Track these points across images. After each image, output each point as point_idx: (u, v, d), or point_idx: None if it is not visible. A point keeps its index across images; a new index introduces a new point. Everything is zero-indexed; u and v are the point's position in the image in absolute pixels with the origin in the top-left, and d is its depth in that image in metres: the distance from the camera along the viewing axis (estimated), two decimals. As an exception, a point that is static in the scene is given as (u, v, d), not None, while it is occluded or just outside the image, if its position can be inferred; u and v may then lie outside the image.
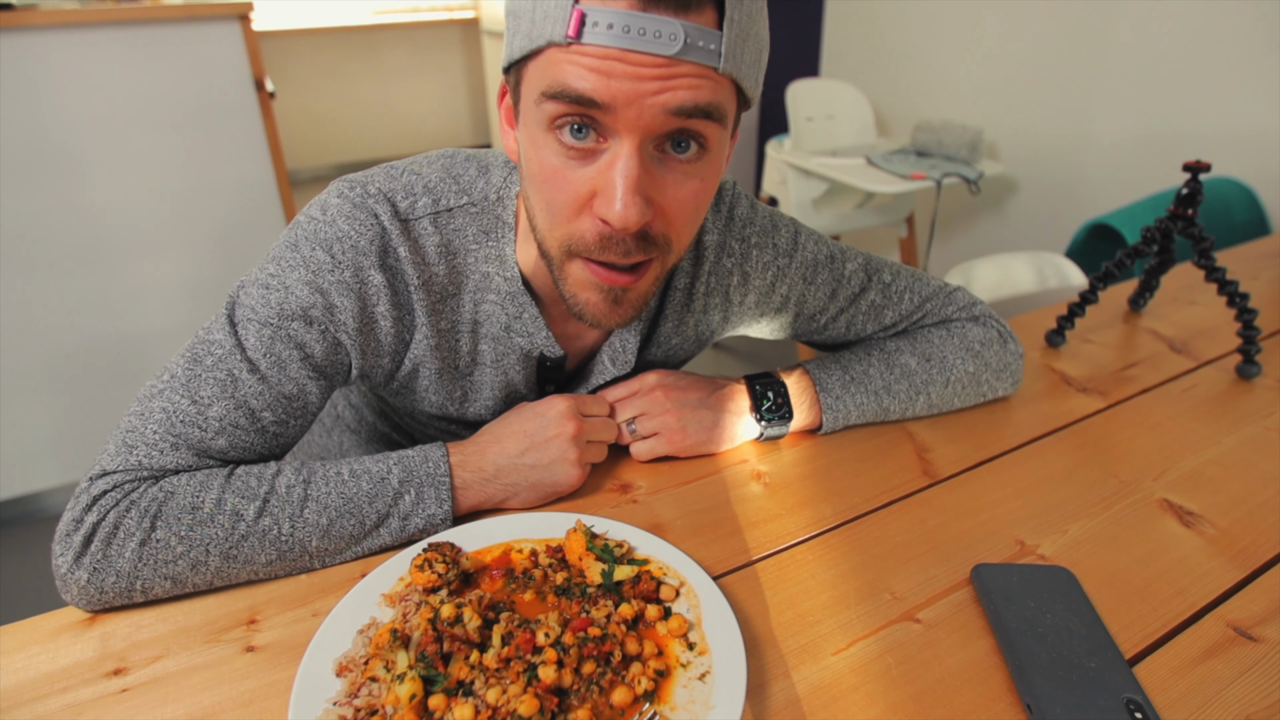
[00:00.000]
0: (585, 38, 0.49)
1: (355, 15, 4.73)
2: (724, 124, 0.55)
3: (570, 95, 0.50)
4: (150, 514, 0.58)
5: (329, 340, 0.65)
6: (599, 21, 0.48)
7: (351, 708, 0.50)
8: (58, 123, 1.73)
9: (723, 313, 0.80)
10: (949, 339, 0.83)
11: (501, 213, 0.68)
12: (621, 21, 0.48)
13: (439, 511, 0.66)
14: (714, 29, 0.50)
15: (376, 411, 0.89)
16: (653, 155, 0.54)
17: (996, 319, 0.87)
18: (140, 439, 0.61)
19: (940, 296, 0.85)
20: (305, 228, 0.64)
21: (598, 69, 0.49)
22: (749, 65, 0.54)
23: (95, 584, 0.57)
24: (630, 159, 0.52)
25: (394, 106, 5.04)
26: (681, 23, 0.49)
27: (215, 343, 0.63)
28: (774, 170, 2.73)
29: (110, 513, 0.58)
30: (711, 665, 0.54)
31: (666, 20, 0.48)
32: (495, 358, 0.73)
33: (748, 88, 0.55)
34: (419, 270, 0.66)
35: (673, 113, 0.51)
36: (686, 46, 0.49)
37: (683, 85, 0.50)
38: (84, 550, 0.57)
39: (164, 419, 0.61)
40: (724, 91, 0.53)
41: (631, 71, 0.49)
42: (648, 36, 0.48)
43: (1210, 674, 0.54)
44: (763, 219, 0.77)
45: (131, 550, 0.57)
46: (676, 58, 0.49)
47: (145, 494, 0.59)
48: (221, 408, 0.62)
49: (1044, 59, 2.38)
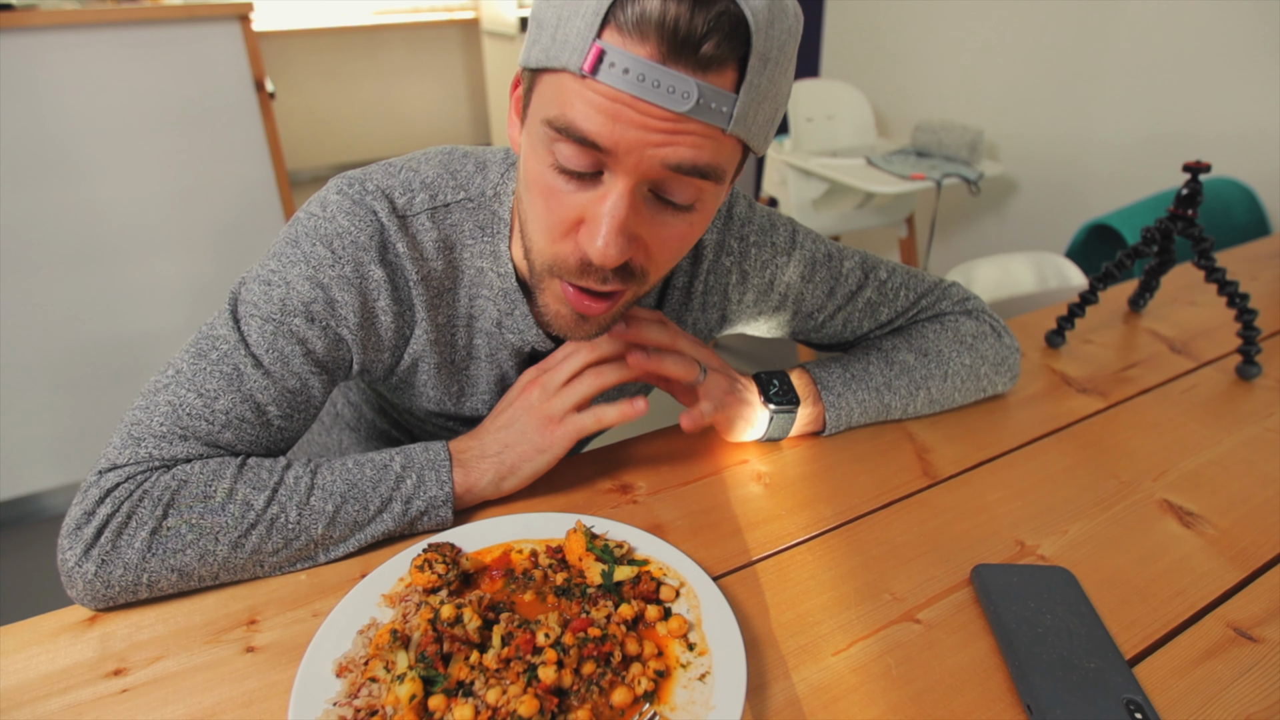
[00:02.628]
0: (600, 75, 0.48)
1: (355, 15, 4.73)
2: (721, 182, 0.54)
3: (575, 135, 0.50)
4: (163, 502, 0.59)
5: (330, 335, 0.65)
6: (616, 63, 0.48)
7: (351, 708, 0.50)
8: (58, 123, 1.73)
9: (721, 311, 0.80)
10: (943, 333, 0.84)
11: (498, 209, 0.69)
12: (638, 69, 0.47)
13: (440, 493, 0.66)
14: (730, 91, 0.49)
15: (376, 409, 0.89)
16: (645, 196, 0.54)
17: (989, 313, 0.87)
18: (147, 431, 0.61)
19: (935, 292, 0.86)
20: (305, 224, 0.65)
21: (606, 111, 0.49)
22: (760, 126, 0.53)
23: (102, 577, 0.57)
24: (620, 200, 0.52)
25: (394, 107, 5.04)
26: (698, 82, 0.48)
27: (219, 338, 0.63)
28: (774, 170, 2.73)
29: (124, 503, 0.58)
30: (711, 666, 0.54)
31: (683, 77, 0.48)
32: (489, 352, 0.74)
33: (755, 145, 0.55)
34: (417, 265, 0.67)
35: (671, 168, 0.51)
36: (698, 106, 0.49)
37: (686, 143, 0.50)
38: (94, 542, 0.57)
39: (170, 412, 0.62)
40: (726, 151, 0.53)
41: (639, 120, 0.49)
42: (661, 89, 0.48)
43: (1210, 674, 0.54)
44: (761, 218, 0.78)
45: (142, 540, 0.58)
46: (687, 115, 0.49)
47: (158, 482, 0.60)
48: (228, 401, 0.62)
49: (1044, 59, 2.38)
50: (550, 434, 0.69)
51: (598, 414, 0.69)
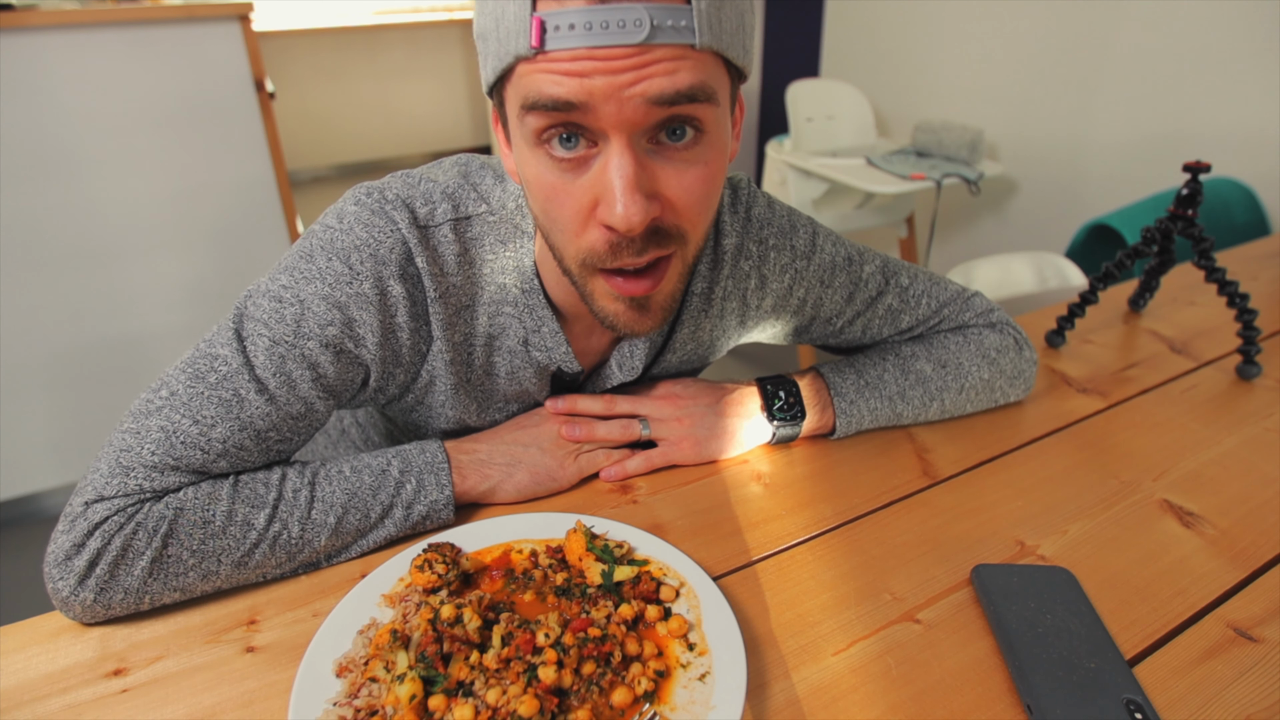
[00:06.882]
0: (549, 44, 0.47)
1: (355, 15, 4.72)
2: (715, 102, 0.51)
3: (546, 103, 0.48)
4: (160, 533, 0.57)
5: (346, 358, 0.63)
6: (560, 25, 0.46)
7: (351, 708, 0.50)
8: (58, 123, 1.73)
9: (739, 317, 0.78)
10: (965, 345, 0.82)
11: (520, 222, 0.66)
12: (582, 19, 0.46)
13: (440, 496, 0.66)
14: (681, 3, 0.47)
15: (383, 433, 0.88)
16: (647, 149, 0.51)
17: (1013, 326, 0.86)
18: (138, 460, 0.58)
19: (958, 302, 0.84)
20: (320, 236, 0.61)
21: (569, 71, 0.47)
22: (730, 34, 0.50)
23: (102, 602, 0.56)
24: (623, 157, 0.50)
25: (394, 107, 5.03)
26: (644, 6, 0.46)
27: (220, 358, 0.59)
28: (774, 171, 2.73)
29: (115, 537, 0.56)
30: (711, 666, 0.54)
31: (628, 7, 0.46)
32: (509, 371, 0.71)
33: (735, 57, 0.52)
34: (436, 282, 0.64)
35: (654, 102, 0.48)
36: (655, 29, 0.46)
37: (658, 72, 0.48)
38: (89, 572, 0.55)
39: (163, 439, 0.58)
40: (707, 68, 0.50)
41: (603, 67, 0.47)
42: (611, 29, 0.46)
43: (1210, 674, 0.54)
44: (780, 219, 0.76)
45: (142, 569, 0.56)
46: (646, 44, 0.47)
47: (151, 513, 0.57)
48: (225, 429, 0.59)
49: (1044, 59, 2.38)
50: (566, 467, 0.72)
51: (620, 459, 0.76)
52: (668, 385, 0.78)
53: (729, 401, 0.78)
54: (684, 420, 0.76)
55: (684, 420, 0.76)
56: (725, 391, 0.78)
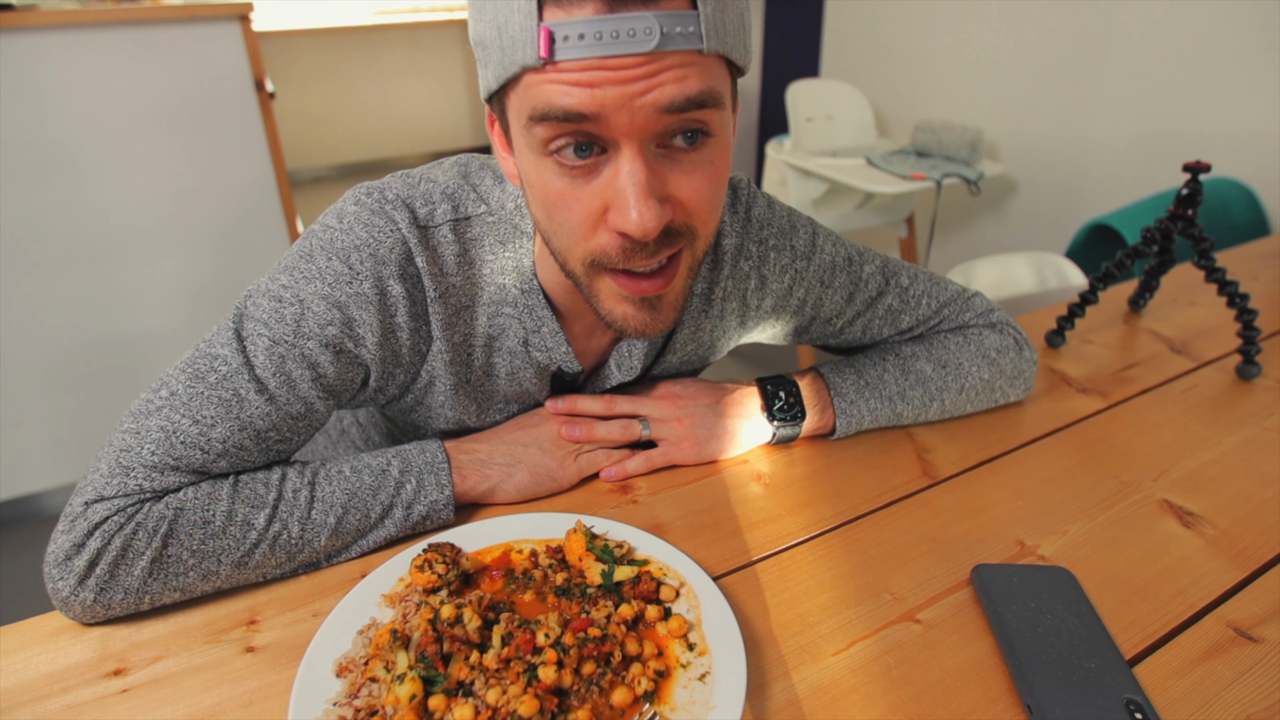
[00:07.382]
0: (559, 55, 0.46)
1: (355, 15, 4.72)
2: (721, 106, 0.52)
3: (557, 114, 0.48)
4: (160, 533, 0.57)
5: (346, 358, 0.63)
6: (569, 35, 0.46)
7: (351, 708, 0.50)
8: (58, 123, 1.73)
9: (739, 317, 0.78)
10: (965, 346, 0.82)
11: (519, 222, 0.66)
12: (592, 29, 0.46)
13: (440, 496, 0.66)
14: (688, 10, 0.47)
15: (383, 433, 0.88)
16: (656, 153, 0.52)
17: (1013, 326, 0.86)
18: (137, 460, 0.58)
19: (958, 302, 0.84)
20: (320, 236, 0.61)
21: (579, 81, 0.47)
22: (733, 36, 0.50)
23: (102, 602, 0.56)
24: (635, 164, 0.50)
25: (394, 107, 5.03)
26: (653, 14, 0.46)
27: (219, 358, 0.60)
28: (774, 170, 2.73)
29: (115, 538, 0.56)
30: (711, 666, 0.54)
31: (637, 16, 0.46)
32: (509, 371, 0.71)
33: (738, 58, 0.52)
34: (436, 282, 0.64)
35: (666, 110, 0.48)
36: (664, 38, 0.46)
37: (669, 79, 0.48)
38: (89, 572, 0.55)
39: (162, 439, 0.58)
40: (714, 73, 0.50)
41: (614, 77, 0.47)
42: (622, 38, 0.46)
43: (1210, 674, 0.54)
44: (780, 219, 0.76)
45: (142, 569, 0.56)
46: (656, 52, 0.47)
47: (150, 513, 0.57)
48: (225, 429, 0.59)
49: (1044, 59, 2.38)
50: (566, 466, 0.73)
51: (620, 459, 0.76)
52: (668, 385, 0.78)
53: (729, 402, 0.78)
54: (684, 420, 0.76)
55: (684, 420, 0.76)
56: (725, 392, 0.78)
